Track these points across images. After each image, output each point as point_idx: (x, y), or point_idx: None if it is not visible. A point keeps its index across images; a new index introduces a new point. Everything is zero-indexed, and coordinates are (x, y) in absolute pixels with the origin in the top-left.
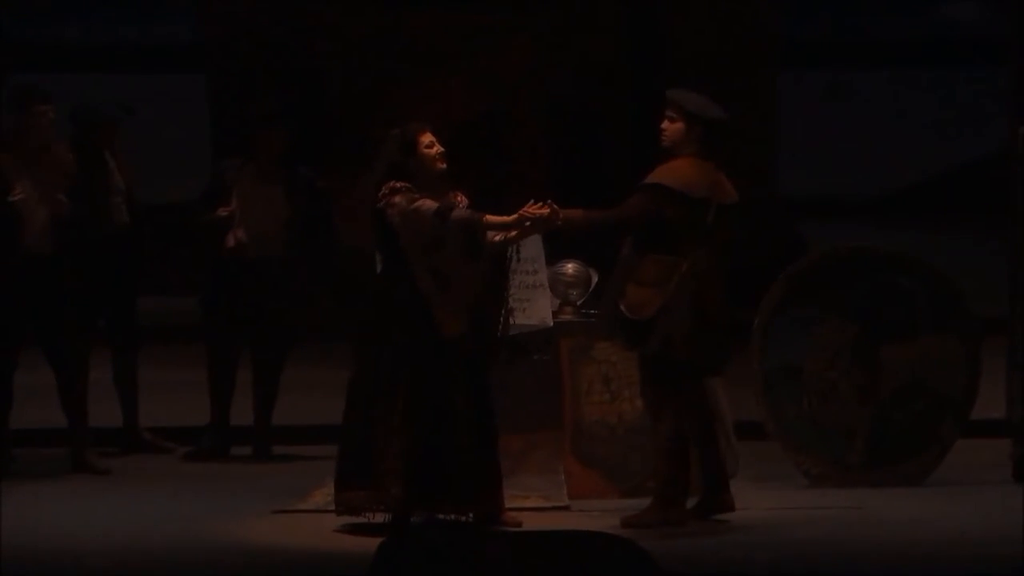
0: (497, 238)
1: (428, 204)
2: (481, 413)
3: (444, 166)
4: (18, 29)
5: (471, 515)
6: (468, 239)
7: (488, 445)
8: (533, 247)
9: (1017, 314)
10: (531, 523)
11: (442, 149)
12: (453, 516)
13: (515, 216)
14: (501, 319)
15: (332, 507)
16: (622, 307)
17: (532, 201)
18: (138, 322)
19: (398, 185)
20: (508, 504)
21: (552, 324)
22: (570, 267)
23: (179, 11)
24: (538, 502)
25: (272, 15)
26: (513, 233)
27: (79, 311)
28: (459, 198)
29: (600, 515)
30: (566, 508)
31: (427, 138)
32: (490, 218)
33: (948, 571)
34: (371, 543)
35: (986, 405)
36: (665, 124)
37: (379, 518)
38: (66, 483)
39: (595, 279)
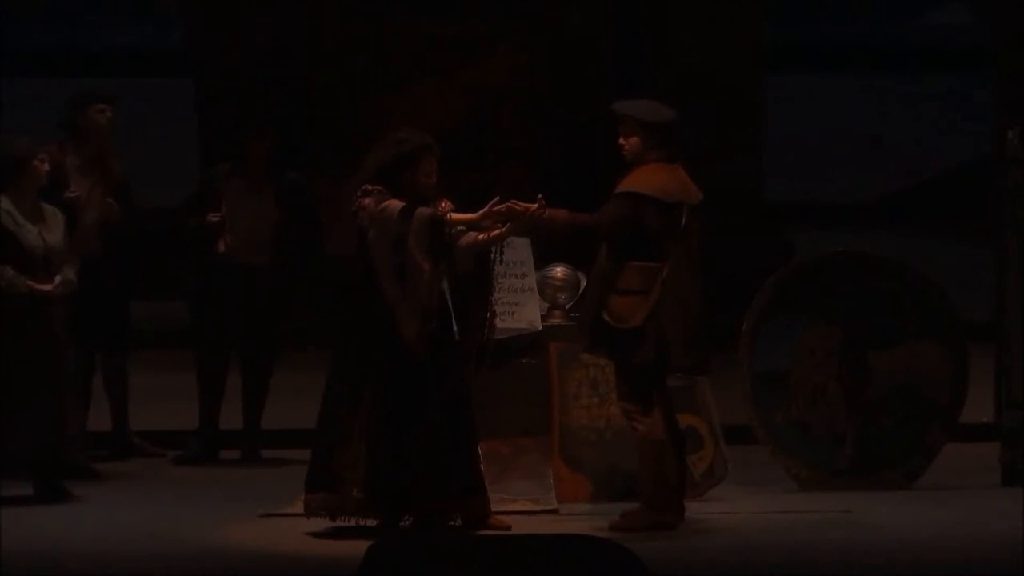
0: (481, 238)
1: (395, 204)
2: (453, 418)
3: (430, 196)
4: (6, 34)
5: (458, 519)
6: (432, 237)
7: (463, 450)
8: (522, 251)
9: (1005, 318)
10: (519, 527)
11: (434, 182)
12: (431, 520)
13: (482, 211)
14: (486, 322)
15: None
16: (606, 317)
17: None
18: (131, 326)
19: (370, 188)
20: (496, 508)
21: (540, 328)
22: (559, 271)
23: (168, 16)
24: (526, 506)
25: (261, 22)
26: (496, 232)
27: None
28: (444, 205)
29: (588, 518)
30: (554, 512)
31: (429, 164)
32: (455, 215)
33: (936, 575)
34: (359, 547)
35: (975, 410)
36: (622, 140)
37: (349, 521)
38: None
39: (583, 283)
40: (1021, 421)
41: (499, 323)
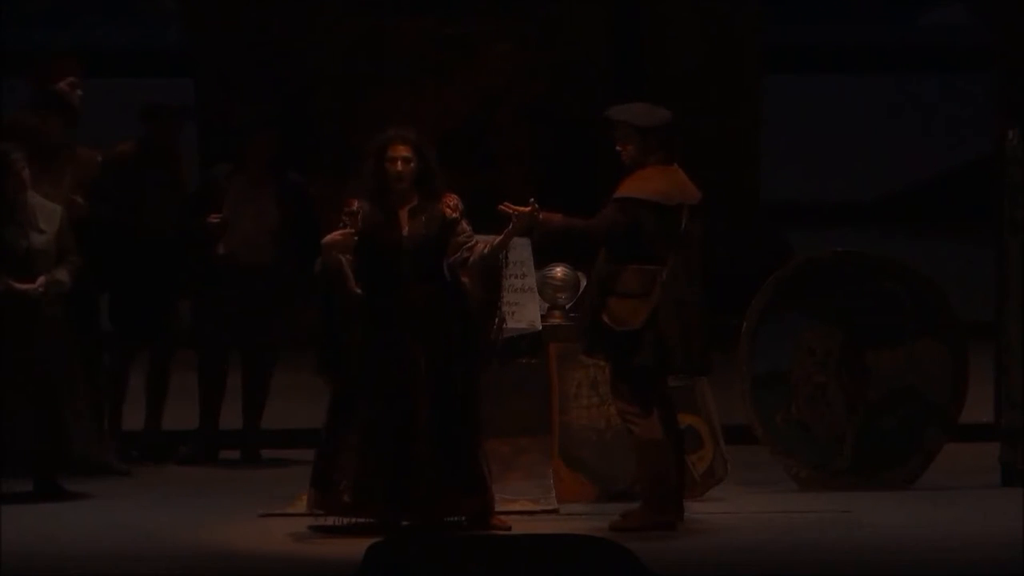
0: (486, 249)
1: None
2: (448, 419)
3: (402, 184)
4: (5, 35)
5: (458, 519)
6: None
7: (460, 450)
8: (522, 251)
9: (1004, 318)
10: (520, 527)
11: (400, 169)
12: (429, 520)
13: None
14: (494, 326)
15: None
16: (606, 320)
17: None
18: (170, 327)
19: (354, 207)
20: (496, 508)
21: (540, 328)
22: (559, 271)
23: (168, 16)
24: (527, 506)
25: (260, 22)
26: (500, 239)
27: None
28: (450, 199)
29: (588, 518)
30: (555, 512)
31: (391, 151)
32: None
33: (936, 575)
34: (359, 547)
35: (975, 410)
36: (619, 146)
37: (350, 521)
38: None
39: (583, 283)
40: (1021, 421)
41: None
